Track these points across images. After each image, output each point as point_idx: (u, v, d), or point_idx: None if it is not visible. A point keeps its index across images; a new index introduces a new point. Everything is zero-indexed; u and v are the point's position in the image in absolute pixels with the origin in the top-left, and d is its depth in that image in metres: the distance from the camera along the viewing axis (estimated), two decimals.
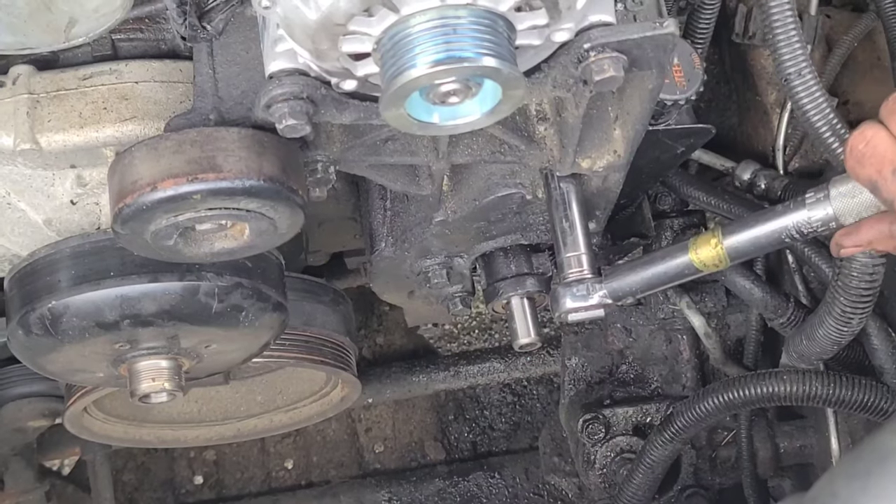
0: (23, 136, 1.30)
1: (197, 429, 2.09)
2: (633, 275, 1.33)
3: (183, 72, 1.33)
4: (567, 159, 1.31)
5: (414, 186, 1.39)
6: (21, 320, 1.39)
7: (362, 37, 1.02)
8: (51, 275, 1.37)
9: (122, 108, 1.32)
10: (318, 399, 2.05)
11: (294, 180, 1.19)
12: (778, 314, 1.70)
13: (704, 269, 1.29)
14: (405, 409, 2.74)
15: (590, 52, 1.08)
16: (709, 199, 1.73)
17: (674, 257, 1.31)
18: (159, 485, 2.72)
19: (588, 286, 1.34)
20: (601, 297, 1.34)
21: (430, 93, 1.02)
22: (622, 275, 1.34)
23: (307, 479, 2.71)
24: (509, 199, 1.42)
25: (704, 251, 1.28)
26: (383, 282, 1.64)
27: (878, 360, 1.59)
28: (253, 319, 1.43)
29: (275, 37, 1.10)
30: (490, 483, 2.61)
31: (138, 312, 1.37)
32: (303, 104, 1.11)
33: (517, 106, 1.08)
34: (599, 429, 1.91)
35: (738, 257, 1.27)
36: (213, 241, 1.26)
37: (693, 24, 1.65)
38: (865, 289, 1.39)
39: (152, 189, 1.14)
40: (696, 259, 1.28)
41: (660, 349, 1.97)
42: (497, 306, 1.54)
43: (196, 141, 1.15)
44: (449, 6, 0.99)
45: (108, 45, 1.34)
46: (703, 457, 1.97)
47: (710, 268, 1.29)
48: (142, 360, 1.47)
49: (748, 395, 1.60)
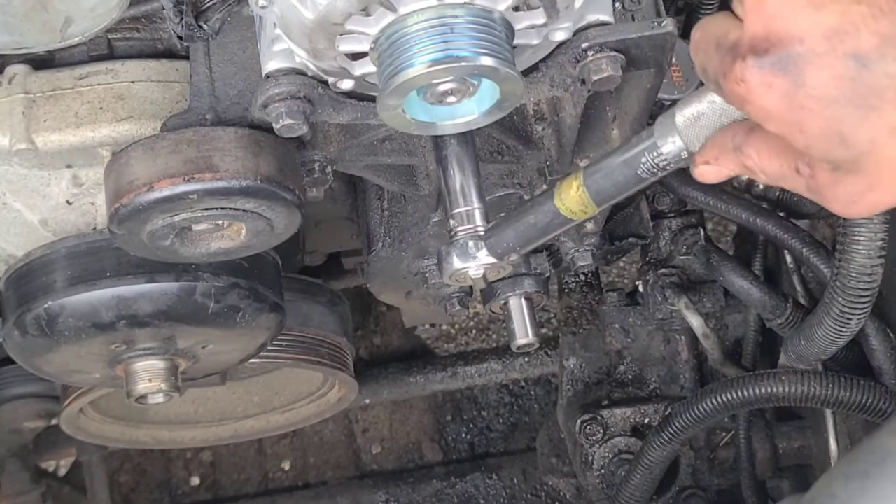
0: (18, 136, 1.30)
1: (193, 430, 2.08)
2: (508, 229, 1.22)
3: (179, 71, 1.33)
4: (565, 159, 1.31)
5: (411, 186, 1.39)
6: (17, 321, 1.38)
7: (360, 36, 1.02)
8: (47, 275, 1.37)
9: (119, 107, 1.31)
10: (315, 400, 2.05)
11: (291, 180, 1.19)
12: (776, 315, 1.69)
13: (572, 215, 1.17)
14: (402, 410, 2.74)
15: (588, 52, 1.08)
16: (707, 198, 1.73)
17: (542, 206, 1.19)
18: (156, 486, 2.71)
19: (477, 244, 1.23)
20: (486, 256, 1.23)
21: (428, 92, 1.02)
22: (498, 230, 1.23)
23: (304, 480, 2.70)
24: (507, 199, 1.42)
25: (568, 196, 1.15)
26: (380, 282, 1.63)
27: (877, 360, 1.59)
28: (250, 320, 1.43)
29: (272, 36, 1.10)
30: (488, 484, 2.61)
31: (135, 313, 1.36)
32: (300, 104, 1.10)
33: (515, 105, 1.08)
34: (597, 429, 1.90)
35: (603, 200, 1.14)
36: (210, 241, 1.25)
37: (691, 23, 1.65)
38: (864, 289, 1.39)
39: (149, 189, 1.14)
40: (561, 205, 1.16)
41: (658, 350, 1.97)
42: (495, 307, 1.53)
43: (192, 141, 1.15)
44: (447, 5, 0.98)
45: (105, 45, 1.34)
46: (702, 457, 1.96)
47: (577, 214, 1.17)
48: (138, 361, 1.47)
49: (747, 396, 1.60)
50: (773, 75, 0.88)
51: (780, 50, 0.87)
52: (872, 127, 0.86)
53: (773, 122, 0.91)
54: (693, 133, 1.04)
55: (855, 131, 0.87)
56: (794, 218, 1.72)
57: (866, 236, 1.34)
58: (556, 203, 1.16)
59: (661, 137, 1.06)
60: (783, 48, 0.87)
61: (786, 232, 1.67)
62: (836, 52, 0.85)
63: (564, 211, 1.16)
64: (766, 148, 0.96)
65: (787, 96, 0.88)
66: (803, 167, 0.94)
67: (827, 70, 0.86)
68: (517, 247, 1.22)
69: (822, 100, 0.87)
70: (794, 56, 0.87)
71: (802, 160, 0.93)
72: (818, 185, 0.93)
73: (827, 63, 0.86)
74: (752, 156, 0.97)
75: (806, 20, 0.86)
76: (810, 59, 0.86)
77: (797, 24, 0.87)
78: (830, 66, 0.86)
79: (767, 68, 0.88)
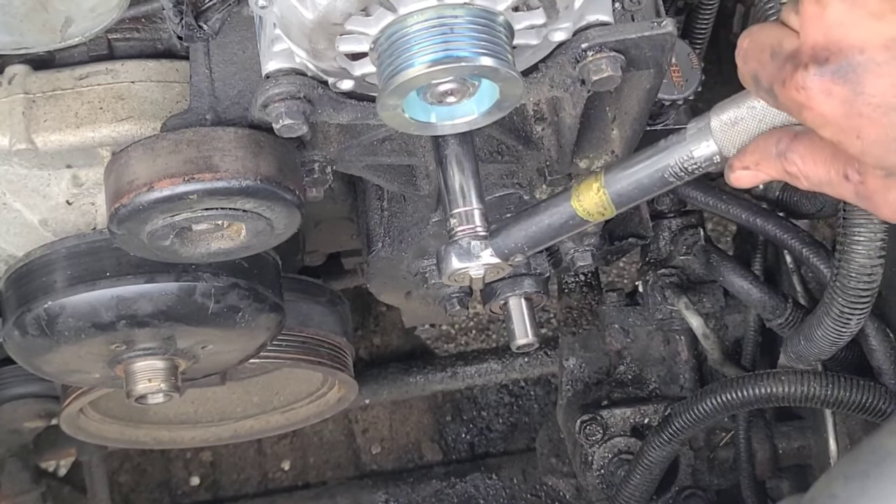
0: (18, 136, 1.30)
1: (193, 430, 2.08)
2: (517, 230, 1.22)
3: (179, 71, 1.33)
4: (564, 159, 1.31)
5: (411, 187, 1.39)
6: (17, 321, 1.38)
7: (359, 36, 1.02)
8: (47, 275, 1.37)
9: (119, 107, 1.31)
10: (315, 400, 2.05)
11: (291, 180, 1.19)
12: (776, 315, 1.69)
13: (590, 217, 1.17)
14: (402, 410, 2.74)
15: (587, 52, 1.08)
16: (707, 199, 1.73)
17: (557, 207, 1.19)
18: (155, 486, 2.71)
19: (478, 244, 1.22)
20: (490, 256, 1.23)
21: (428, 92, 1.02)
22: (507, 230, 1.23)
23: (304, 481, 2.70)
24: (507, 199, 1.42)
25: (587, 198, 1.16)
26: (380, 282, 1.63)
27: (877, 360, 1.59)
28: (249, 320, 1.43)
29: (271, 36, 1.10)
30: (487, 484, 2.61)
31: (134, 313, 1.36)
32: (300, 104, 1.10)
33: (514, 106, 1.08)
34: (597, 430, 1.90)
35: (623, 203, 1.15)
36: (210, 241, 1.25)
37: (691, 23, 1.65)
38: (864, 289, 1.39)
39: (149, 189, 1.14)
40: (579, 207, 1.16)
41: (658, 350, 1.97)
42: (494, 307, 1.53)
43: (192, 141, 1.15)
44: (446, 5, 0.98)
45: (105, 45, 1.34)
46: (701, 458, 1.96)
47: (595, 216, 1.17)
48: (138, 361, 1.47)
49: (746, 396, 1.60)
50: (833, 83, 0.90)
51: (841, 59, 0.89)
52: None
53: (829, 128, 0.92)
54: (729, 138, 1.06)
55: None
56: (793, 218, 1.73)
57: (866, 236, 1.34)
58: (574, 204, 1.17)
59: (693, 141, 1.07)
60: (843, 57, 0.89)
61: (786, 232, 1.67)
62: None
63: (582, 213, 1.16)
64: (811, 154, 0.99)
65: (846, 103, 0.90)
66: (853, 173, 0.96)
67: (887, 79, 0.88)
68: (526, 247, 1.22)
69: (881, 107, 0.89)
70: (854, 65, 0.89)
71: (853, 166, 0.96)
72: (868, 190, 0.96)
73: (887, 72, 0.88)
74: (796, 161, 0.99)
75: (866, 30, 0.88)
76: (870, 67, 0.88)
77: (857, 34, 0.89)
78: (890, 75, 0.88)
79: (828, 76, 0.90)
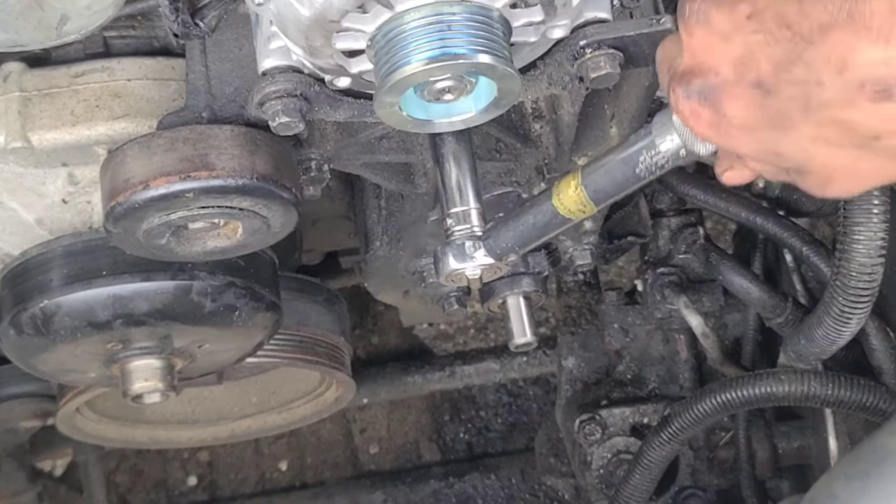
0: (14, 134, 1.29)
1: (190, 429, 2.08)
2: (506, 230, 1.22)
3: (175, 69, 1.33)
4: (563, 157, 1.31)
5: (409, 185, 1.39)
6: (12, 320, 1.38)
7: (356, 33, 1.01)
8: (42, 274, 1.37)
9: (115, 105, 1.31)
10: (313, 399, 2.05)
11: (288, 178, 1.18)
12: (776, 314, 1.69)
13: (571, 215, 1.16)
14: (400, 410, 2.73)
15: (586, 49, 1.08)
16: (706, 197, 1.72)
17: (541, 206, 1.18)
18: (152, 486, 2.71)
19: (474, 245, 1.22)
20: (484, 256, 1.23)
21: (425, 90, 1.01)
22: (497, 230, 1.23)
23: (301, 481, 2.70)
24: (505, 197, 1.42)
25: (566, 196, 1.15)
26: (378, 281, 1.63)
27: (877, 360, 1.58)
28: (246, 319, 1.43)
29: (268, 34, 1.10)
30: (486, 484, 2.60)
31: (131, 312, 1.36)
32: (296, 102, 1.10)
33: (512, 103, 1.08)
34: (596, 429, 1.90)
35: (601, 200, 1.14)
36: (206, 239, 1.25)
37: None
38: (864, 288, 1.38)
39: (144, 187, 1.13)
40: (560, 205, 1.16)
41: (657, 349, 1.96)
42: (493, 306, 1.53)
43: (189, 139, 1.14)
44: (444, 2, 0.98)
45: (100, 43, 1.33)
46: (701, 457, 1.96)
47: (576, 214, 1.16)
48: (134, 360, 1.46)
49: (746, 396, 1.60)
50: (699, 105, 0.91)
51: (701, 80, 0.90)
52: (796, 142, 0.89)
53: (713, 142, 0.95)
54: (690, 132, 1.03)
55: (784, 147, 0.90)
56: (793, 216, 1.72)
57: (866, 235, 1.33)
58: (555, 203, 1.16)
59: (658, 135, 1.06)
60: (703, 78, 0.90)
61: (785, 231, 1.67)
62: (743, 81, 0.88)
63: (563, 211, 1.16)
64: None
65: (713, 126, 0.91)
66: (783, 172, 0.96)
67: (739, 100, 0.89)
68: (516, 247, 1.22)
69: (744, 127, 0.90)
70: (711, 86, 0.90)
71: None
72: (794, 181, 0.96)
73: (738, 93, 0.88)
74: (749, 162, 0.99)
75: (719, 52, 0.89)
76: (726, 88, 0.89)
77: (713, 55, 0.89)
78: (741, 96, 0.88)
79: (694, 97, 0.91)
